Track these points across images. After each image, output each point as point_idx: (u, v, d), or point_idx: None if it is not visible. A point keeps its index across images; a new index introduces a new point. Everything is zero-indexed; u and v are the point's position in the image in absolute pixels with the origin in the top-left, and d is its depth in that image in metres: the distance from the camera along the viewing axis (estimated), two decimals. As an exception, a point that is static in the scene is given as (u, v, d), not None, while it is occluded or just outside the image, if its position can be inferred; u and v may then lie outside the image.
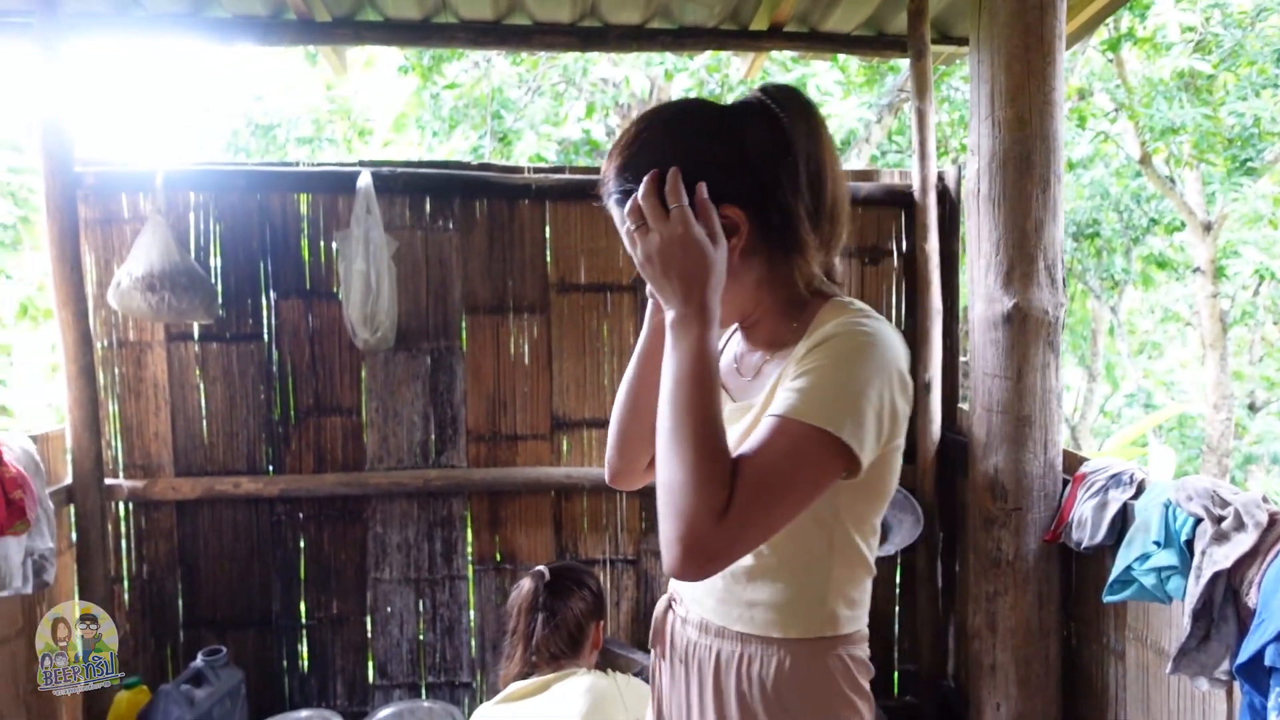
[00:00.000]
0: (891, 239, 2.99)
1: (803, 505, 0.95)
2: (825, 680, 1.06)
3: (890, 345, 0.98)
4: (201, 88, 8.79)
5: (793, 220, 1.00)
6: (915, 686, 3.03)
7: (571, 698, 1.87)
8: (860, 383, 0.94)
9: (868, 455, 0.94)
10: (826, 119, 1.07)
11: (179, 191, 2.75)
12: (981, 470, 2.29)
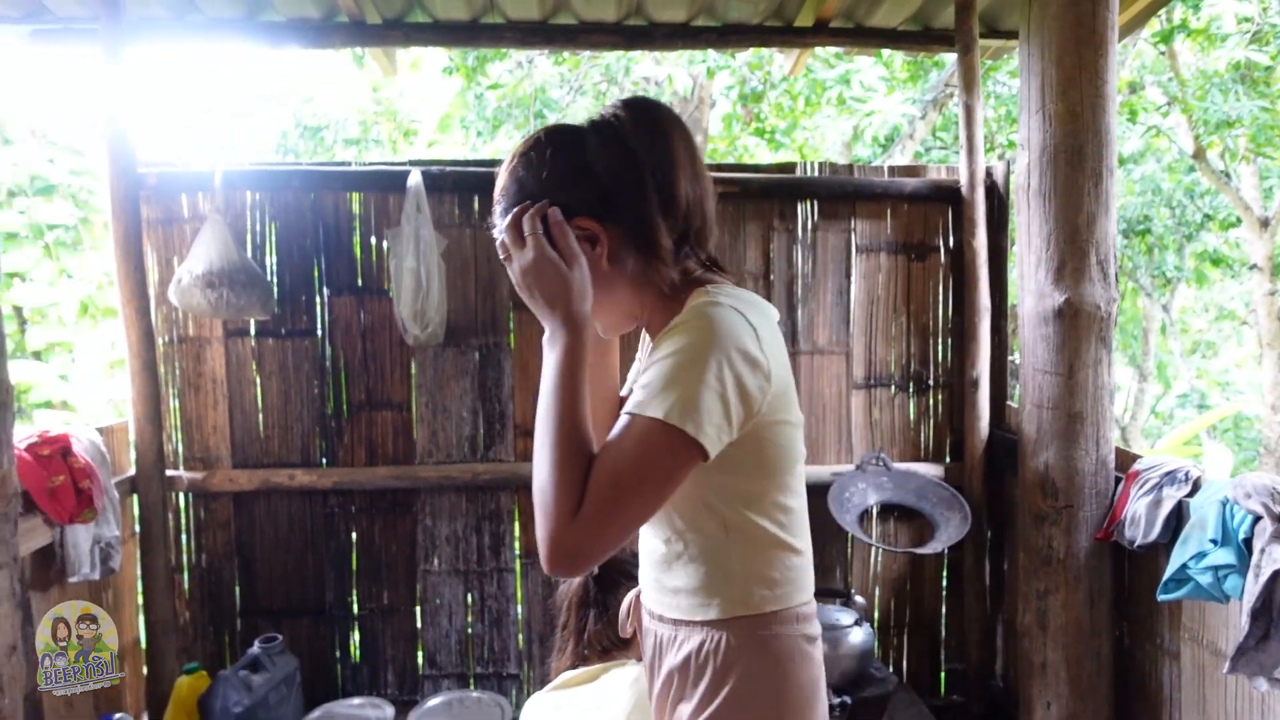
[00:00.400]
0: (938, 235, 2.97)
1: (659, 495, 1.00)
2: (751, 659, 1.09)
3: (726, 326, 1.00)
4: (253, 91, 8.97)
5: (643, 225, 1.07)
6: (962, 686, 3.01)
7: (619, 688, 1.89)
8: (693, 369, 0.98)
9: (710, 438, 0.98)
10: (683, 122, 1.14)
11: (236, 191, 2.82)
12: (1031, 467, 2.28)
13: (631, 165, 1.07)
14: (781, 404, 1.07)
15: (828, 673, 2.45)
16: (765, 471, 1.09)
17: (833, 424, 2.98)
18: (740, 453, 1.04)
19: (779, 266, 2.94)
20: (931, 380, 3.00)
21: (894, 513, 2.98)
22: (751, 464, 1.07)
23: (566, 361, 1.04)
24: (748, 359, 1.00)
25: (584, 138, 1.09)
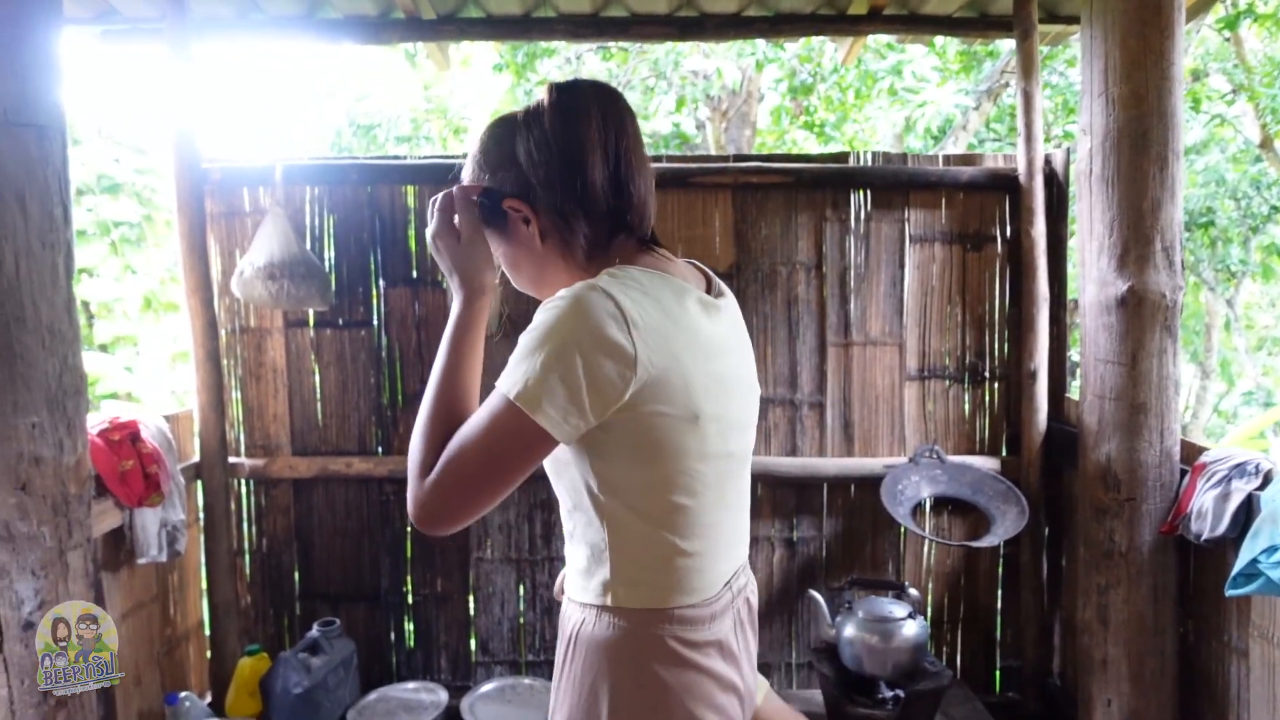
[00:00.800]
0: (995, 224, 2.92)
1: (505, 469, 1.00)
2: (612, 651, 1.08)
3: (585, 309, 0.98)
4: (309, 89, 9.16)
5: (557, 207, 1.09)
6: (1018, 683, 2.96)
7: None
8: (542, 350, 0.98)
9: (551, 420, 0.97)
10: (633, 105, 1.15)
11: (296, 185, 2.88)
12: (1093, 459, 2.23)
13: (544, 149, 1.08)
14: (660, 395, 1.02)
15: (881, 665, 2.44)
16: (642, 464, 1.05)
17: (885, 416, 2.95)
18: (612, 441, 1.03)
19: (831, 257, 2.92)
20: (987, 372, 2.95)
21: (948, 506, 2.94)
22: (626, 455, 1.04)
23: (453, 327, 1.11)
24: (604, 344, 0.97)
25: (516, 123, 1.13)
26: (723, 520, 1.14)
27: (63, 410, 2.04)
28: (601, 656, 1.09)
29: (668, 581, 1.08)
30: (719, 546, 1.14)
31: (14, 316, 1.95)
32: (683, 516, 1.08)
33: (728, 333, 1.16)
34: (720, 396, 1.10)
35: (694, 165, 2.91)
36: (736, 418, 1.15)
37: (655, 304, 1.03)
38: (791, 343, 2.93)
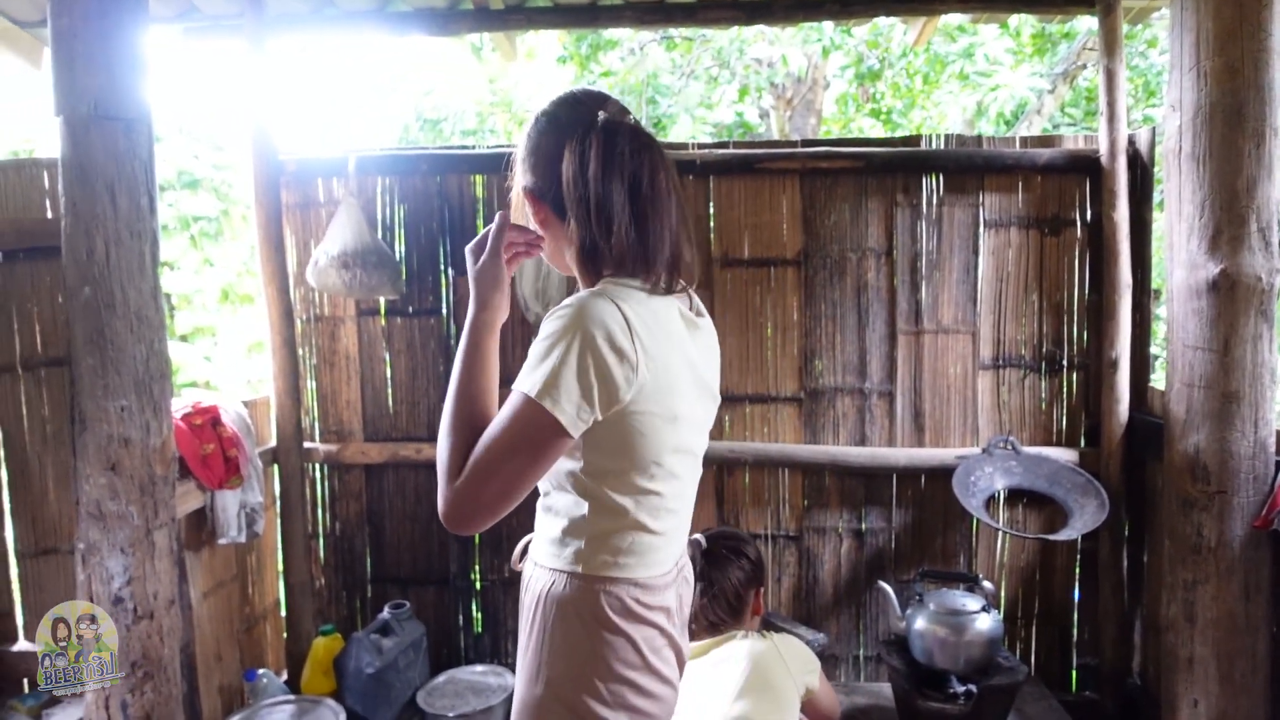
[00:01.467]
0: (1074, 208, 2.82)
1: (527, 465, 1.10)
2: (581, 608, 1.19)
3: (596, 314, 1.09)
4: (377, 83, 9.34)
5: (584, 232, 1.19)
6: (1095, 682, 2.86)
7: (733, 661, 1.89)
8: (558, 350, 1.08)
9: (568, 415, 1.07)
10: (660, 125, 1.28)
11: (368, 176, 2.94)
12: (1180, 450, 2.14)
13: (580, 184, 1.18)
14: (653, 398, 1.14)
15: (952, 659, 2.40)
16: (625, 454, 1.16)
17: (957, 406, 2.88)
18: (604, 434, 1.14)
19: (902, 243, 2.86)
20: (1065, 361, 2.86)
21: (1022, 498, 2.86)
22: (612, 445, 1.16)
23: (469, 336, 1.23)
24: (614, 347, 1.09)
25: (565, 137, 1.21)
26: (682, 508, 1.28)
27: (149, 394, 2.12)
28: (573, 614, 1.20)
29: (635, 556, 1.21)
30: (679, 529, 1.29)
31: (104, 303, 2.03)
32: (653, 501, 1.21)
33: (704, 345, 1.30)
34: (693, 400, 1.23)
35: (761, 151, 2.88)
36: (701, 420, 1.29)
37: (652, 315, 1.15)
38: (861, 330, 2.88)
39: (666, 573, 1.26)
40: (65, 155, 2.03)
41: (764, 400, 2.94)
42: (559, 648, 1.21)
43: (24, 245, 2.37)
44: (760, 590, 2.08)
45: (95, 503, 2.06)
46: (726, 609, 2.01)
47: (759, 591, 2.07)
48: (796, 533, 2.96)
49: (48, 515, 2.43)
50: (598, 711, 1.19)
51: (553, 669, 1.21)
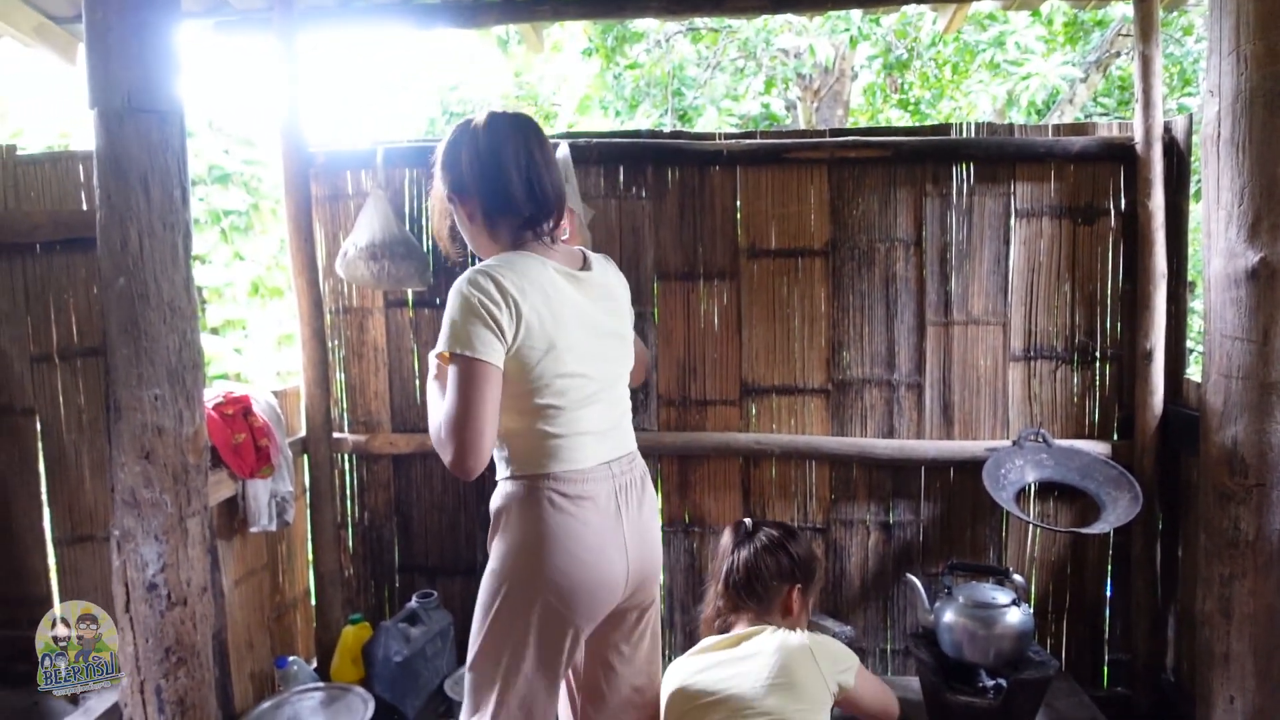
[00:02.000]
0: (1109, 197, 2.78)
1: (472, 402, 1.49)
2: (520, 502, 1.64)
3: (477, 283, 1.52)
4: (404, 76, 9.39)
5: (484, 204, 1.67)
6: (1128, 677, 2.83)
7: (762, 655, 1.88)
8: (458, 312, 1.52)
9: (481, 351, 1.49)
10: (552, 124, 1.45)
11: (396, 168, 2.95)
12: (1217, 442, 2.10)
13: (475, 163, 1.65)
14: (527, 334, 1.54)
15: (982, 652, 2.38)
16: (519, 380, 1.58)
17: (987, 398, 2.85)
18: (508, 371, 1.55)
19: (931, 233, 2.83)
20: (1098, 352, 2.82)
21: (1053, 492, 2.83)
22: (511, 376, 1.57)
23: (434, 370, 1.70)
24: (491, 299, 1.50)
25: (464, 134, 1.69)
26: (584, 418, 1.65)
27: (182, 383, 2.14)
28: (512, 507, 1.65)
29: (543, 456, 1.62)
30: (586, 435, 1.65)
31: (138, 293, 2.05)
32: (549, 412, 1.61)
33: (591, 292, 1.67)
34: (576, 333, 1.61)
35: (789, 140, 2.86)
36: (592, 350, 1.65)
37: (521, 275, 1.55)
38: (889, 321, 2.86)
39: (585, 470, 1.63)
40: (100, 148, 2.06)
41: (791, 392, 2.92)
42: (503, 533, 1.67)
43: (60, 237, 2.41)
44: (798, 589, 2.04)
45: (130, 490, 2.09)
46: (747, 592, 2.02)
47: (797, 590, 2.04)
48: (823, 525, 2.95)
49: (83, 503, 2.47)
50: (524, 575, 1.62)
51: (497, 549, 1.68)
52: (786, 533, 2.10)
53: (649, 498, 1.78)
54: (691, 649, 1.99)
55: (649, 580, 1.77)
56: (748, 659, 1.89)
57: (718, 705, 1.81)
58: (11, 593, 2.50)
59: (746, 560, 2.01)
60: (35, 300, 2.44)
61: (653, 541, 1.76)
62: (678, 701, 1.89)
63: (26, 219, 2.41)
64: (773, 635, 1.92)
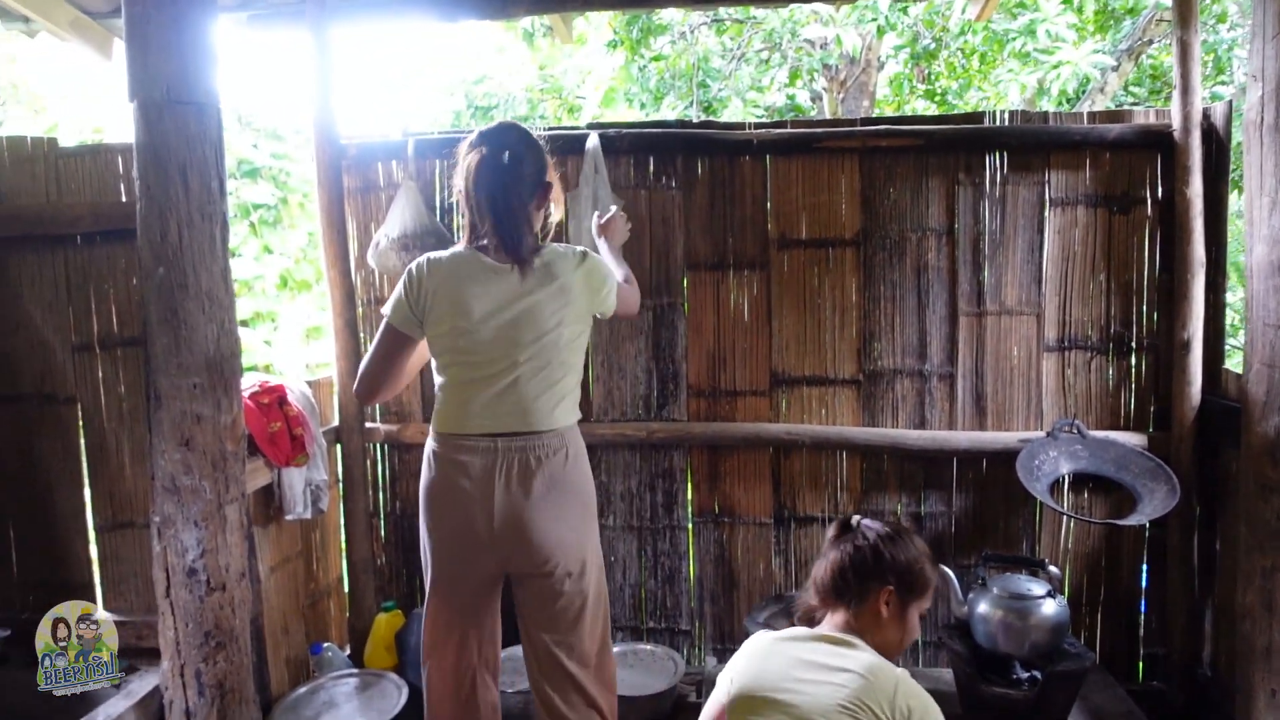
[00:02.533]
0: (1145, 185, 2.74)
1: (382, 347, 2.00)
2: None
3: (410, 268, 1.97)
4: (431, 69, 9.44)
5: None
6: (1164, 672, 2.80)
7: (847, 672, 1.63)
8: (395, 290, 1.99)
9: (395, 319, 1.97)
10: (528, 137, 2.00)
11: (426, 159, 2.96)
12: (1259, 433, 2.07)
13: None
14: (436, 315, 1.91)
15: (1017, 644, 2.36)
16: (434, 350, 1.97)
17: (1020, 389, 2.83)
18: (428, 340, 1.97)
19: (964, 222, 2.80)
20: (1134, 343, 2.78)
21: (1088, 484, 2.80)
22: (430, 346, 1.97)
23: None
24: (412, 279, 1.94)
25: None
26: (476, 392, 1.91)
27: (220, 372, 2.17)
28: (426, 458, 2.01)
29: (439, 417, 1.97)
30: (471, 408, 1.91)
31: (178, 283, 2.08)
32: (447, 381, 1.95)
33: (509, 285, 1.90)
34: (475, 320, 1.89)
35: (820, 129, 2.84)
36: (488, 337, 1.89)
37: (444, 265, 1.94)
38: (921, 312, 2.84)
39: (464, 435, 1.90)
40: (139, 139, 2.08)
41: (821, 383, 2.91)
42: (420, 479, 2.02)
43: (100, 228, 2.44)
44: (889, 594, 1.74)
45: (170, 477, 2.12)
46: (834, 589, 1.78)
47: (888, 594, 1.74)
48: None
49: (124, 490, 2.51)
50: (422, 513, 2.00)
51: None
52: (891, 534, 1.82)
53: (546, 481, 1.90)
54: (780, 632, 1.78)
55: (532, 551, 1.90)
56: (832, 671, 1.65)
57: (780, 707, 1.61)
58: (55, 578, 2.55)
59: (838, 557, 1.78)
60: (76, 291, 2.47)
61: (535, 519, 1.89)
62: (748, 680, 1.69)
63: (68, 211, 2.44)
64: (866, 655, 1.67)
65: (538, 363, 1.90)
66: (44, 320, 2.50)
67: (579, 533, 1.96)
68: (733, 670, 1.73)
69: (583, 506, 1.99)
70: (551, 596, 1.95)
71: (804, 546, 2.98)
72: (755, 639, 1.79)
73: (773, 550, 2.99)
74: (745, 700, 1.66)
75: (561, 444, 1.94)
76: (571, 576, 1.95)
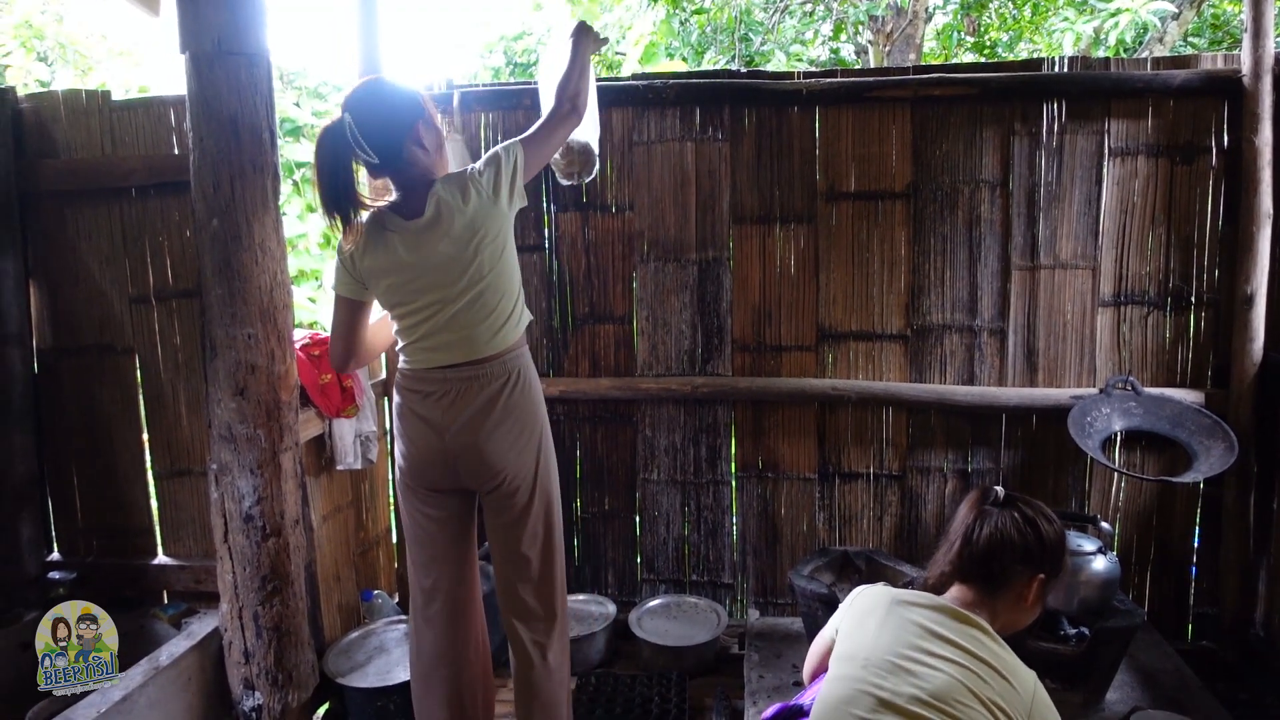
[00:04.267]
0: (1210, 134, 2.65)
1: (340, 321, 2.16)
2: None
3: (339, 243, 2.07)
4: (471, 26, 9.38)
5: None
6: (1214, 631, 2.76)
7: (979, 655, 1.51)
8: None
9: (338, 287, 2.11)
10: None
11: (471, 112, 2.95)
12: (1325, 387, 2.01)
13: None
14: (371, 275, 2.03)
15: (1066, 600, 2.33)
16: (383, 306, 2.10)
17: (1073, 344, 2.77)
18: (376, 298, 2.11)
19: (1019, 174, 2.73)
20: (1193, 297, 2.71)
21: (1141, 441, 2.75)
22: (379, 303, 2.11)
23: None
24: (343, 254, 2.06)
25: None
26: (423, 337, 2.03)
27: (273, 323, 2.20)
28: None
29: (403, 356, 2.10)
30: (419, 346, 2.04)
31: (231, 235, 2.11)
32: (401, 328, 2.08)
33: (420, 231, 1.98)
34: (403, 271, 1.99)
35: (871, 79, 2.78)
36: (417, 285, 2.00)
37: (365, 234, 2.02)
38: (972, 266, 2.79)
39: (423, 369, 2.04)
40: (191, 90, 2.10)
41: (868, 338, 2.88)
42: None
43: (154, 181, 2.47)
44: (1040, 581, 1.63)
45: (226, 425, 2.17)
46: (981, 568, 1.64)
47: (1039, 581, 1.63)
48: (899, 472, 2.92)
49: (181, 439, 2.57)
50: (394, 440, 2.16)
51: None
52: (1042, 513, 1.70)
53: (493, 406, 2.03)
54: (899, 591, 1.66)
55: (483, 471, 2.04)
56: (963, 652, 1.51)
57: (907, 677, 1.48)
58: (117, 524, 2.63)
59: (991, 534, 1.64)
60: (132, 243, 2.51)
61: (484, 444, 2.02)
62: (866, 638, 1.57)
63: (122, 164, 2.47)
64: (1005, 654, 1.53)
65: (470, 294, 1.99)
66: (101, 273, 2.54)
67: (528, 451, 2.08)
68: (844, 620, 1.65)
69: (531, 428, 2.10)
70: (505, 506, 2.10)
71: (848, 502, 2.97)
72: (870, 592, 1.68)
73: (817, 506, 2.99)
74: (861, 658, 1.53)
75: (505, 370, 2.04)
76: (521, 489, 2.09)
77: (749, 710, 2.31)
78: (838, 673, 1.56)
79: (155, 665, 2.17)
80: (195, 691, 2.26)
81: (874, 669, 1.50)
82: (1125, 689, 2.38)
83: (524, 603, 2.15)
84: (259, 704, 2.26)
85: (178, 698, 2.20)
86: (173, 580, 2.60)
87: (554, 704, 2.18)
